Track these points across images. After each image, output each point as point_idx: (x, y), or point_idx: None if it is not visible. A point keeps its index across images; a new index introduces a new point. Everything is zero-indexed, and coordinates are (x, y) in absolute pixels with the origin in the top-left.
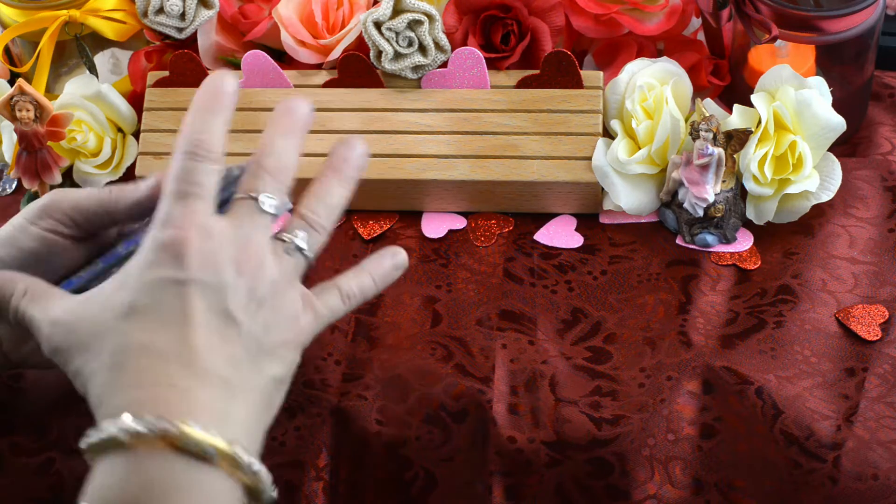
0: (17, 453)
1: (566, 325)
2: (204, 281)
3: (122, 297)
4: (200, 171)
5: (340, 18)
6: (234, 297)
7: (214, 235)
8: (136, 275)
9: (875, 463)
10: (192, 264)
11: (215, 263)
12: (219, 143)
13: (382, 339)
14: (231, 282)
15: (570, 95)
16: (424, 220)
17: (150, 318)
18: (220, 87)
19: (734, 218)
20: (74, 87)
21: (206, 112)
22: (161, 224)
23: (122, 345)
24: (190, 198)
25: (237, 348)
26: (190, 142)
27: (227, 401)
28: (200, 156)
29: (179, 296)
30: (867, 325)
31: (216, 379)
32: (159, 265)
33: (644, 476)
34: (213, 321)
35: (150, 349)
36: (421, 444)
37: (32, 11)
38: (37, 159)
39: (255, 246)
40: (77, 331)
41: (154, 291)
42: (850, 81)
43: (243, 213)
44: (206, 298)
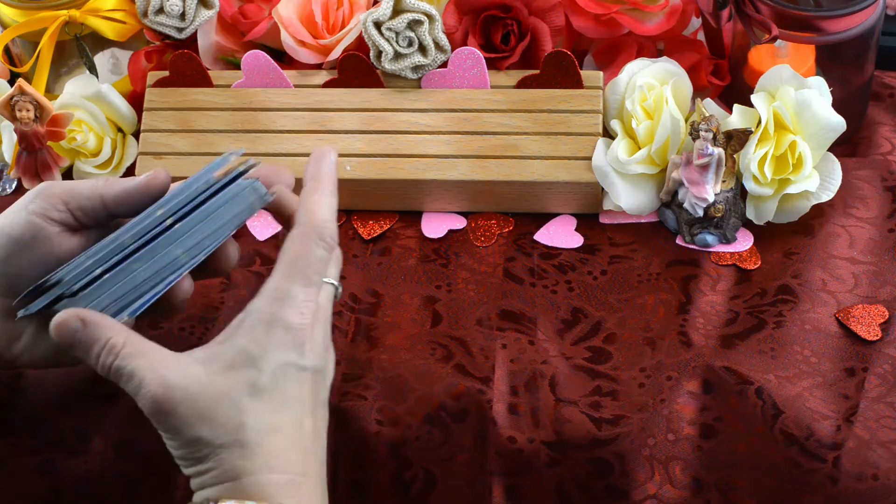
0: (17, 453)
1: (566, 325)
2: (315, 368)
3: (249, 375)
4: (326, 260)
5: (340, 18)
6: (325, 382)
7: (322, 320)
8: (264, 354)
9: (875, 463)
10: (308, 352)
11: (322, 350)
12: (337, 232)
13: (382, 339)
14: (325, 366)
15: (570, 95)
16: (424, 220)
17: (276, 400)
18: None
19: (734, 218)
20: (74, 87)
21: (333, 196)
22: (284, 304)
23: (258, 424)
24: (312, 285)
25: (324, 432)
26: (322, 228)
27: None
28: (328, 245)
29: (301, 382)
30: (867, 325)
31: (319, 466)
32: (287, 348)
33: (644, 476)
34: (316, 407)
35: (283, 432)
36: (421, 444)
37: (32, 11)
38: (37, 159)
39: (331, 324)
40: (197, 399)
41: (279, 374)
42: (850, 81)
43: (328, 297)
44: (315, 385)
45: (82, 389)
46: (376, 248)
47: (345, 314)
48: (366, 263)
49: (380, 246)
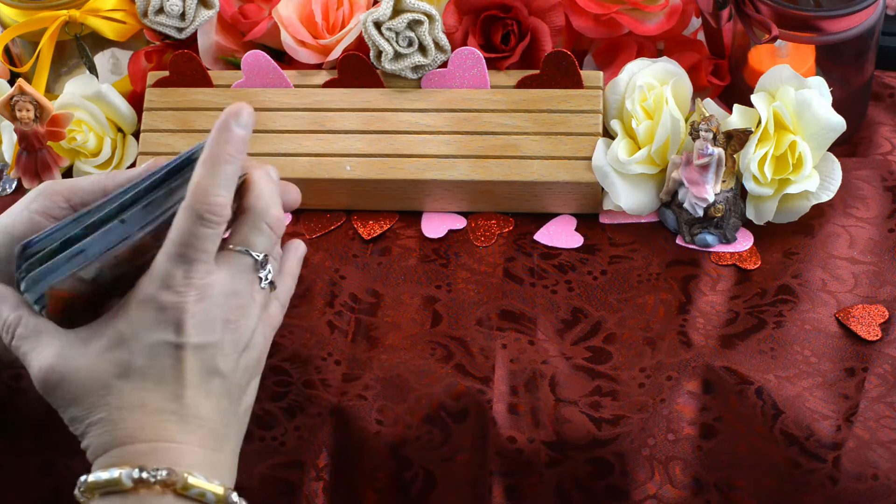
0: (17, 453)
1: (566, 325)
2: (198, 344)
3: (120, 356)
4: (207, 236)
5: (340, 18)
6: (223, 354)
7: (211, 296)
8: (136, 335)
9: (875, 463)
10: (188, 330)
11: (210, 324)
12: (228, 203)
13: (382, 339)
14: (220, 339)
15: (570, 95)
16: (424, 220)
17: (147, 378)
18: (232, 132)
19: (734, 218)
20: (74, 87)
21: (218, 163)
22: (161, 284)
23: (121, 402)
24: (193, 263)
25: (224, 400)
26: (201, 202)
27: (217, 448)
28: (209, 221)
29: (176, 359)
30: (867, 325)
31: (208, 432)
32: (158, 328)
33: (644, 476)
34: (204, 380)
35: (149, 406)
36: (421, 444)
37: (32, 11)
38: (37, 159)
39: (242, 300)
40: (72, 381)
41: (152, 353)
42: (850, 81)
43: (238, 268)
44: (198, 360)
45: None
46: (376, 248)
47: (345, 314)
48: (366, 263)
49: (380, 246)
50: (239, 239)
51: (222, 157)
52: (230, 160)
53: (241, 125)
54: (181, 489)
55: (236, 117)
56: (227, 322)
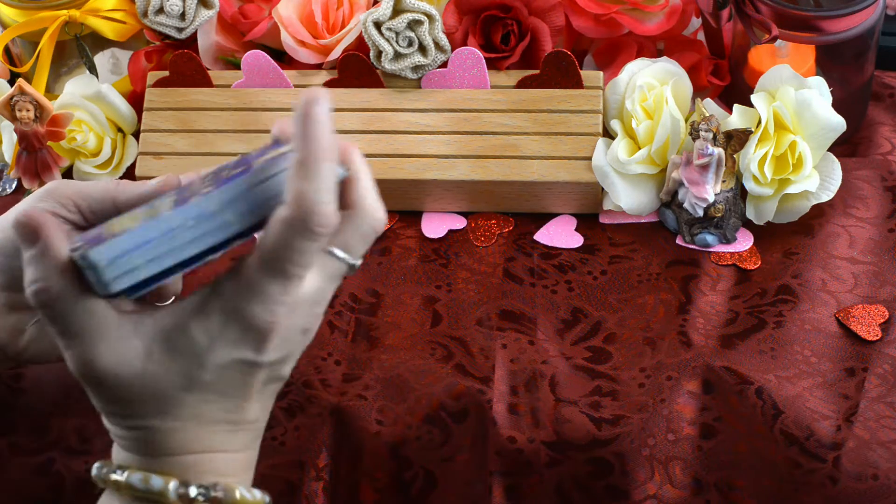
0: (17, 453)
1: (566, 325)
2: (273, 360)
3: (188, 369)
4: (311, 250)
5: (340, 18)
6: (290, 363)
7: (300, 310)
8: (212, 349)
9: (875, 463)
10: (269, 349)
11: (289, 340)
12: (335, 211)
13: (382, 339)
14: (293, 351)
15: (570, 95)
16: (424, 220)
17: (210, 391)
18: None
19: (734, 218)
20: (74, 87)
21: (315, 163)
22: (253, 298)
23: (176, 414)
24: (293, 279)
25: (271, 400)
26: (309, 213)
27: (252, 448)
28: (316, 234)
29: (247, 374)
30: (867, 325)
31: (252, 433)
32: (240, 347)
33: (644, 476)
34: (267, 388)
35: (202, 418)
36: (421, 444)
37: (32, 11)
38: (37, 159)
39: (324, 306)
40: (125, 386)
41: (225, 370)
42: (850, 81)
43: (333, 275)
44: (267, 372)
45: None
46: (376, 248)
47: (345, 314)
48: (366, 263)
49: (380, 246)
50: (341, 241)
51: (318, 154)
52: (327, 157)
53: (325, 111)
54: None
55: (317, 104)
56: (304, 332)
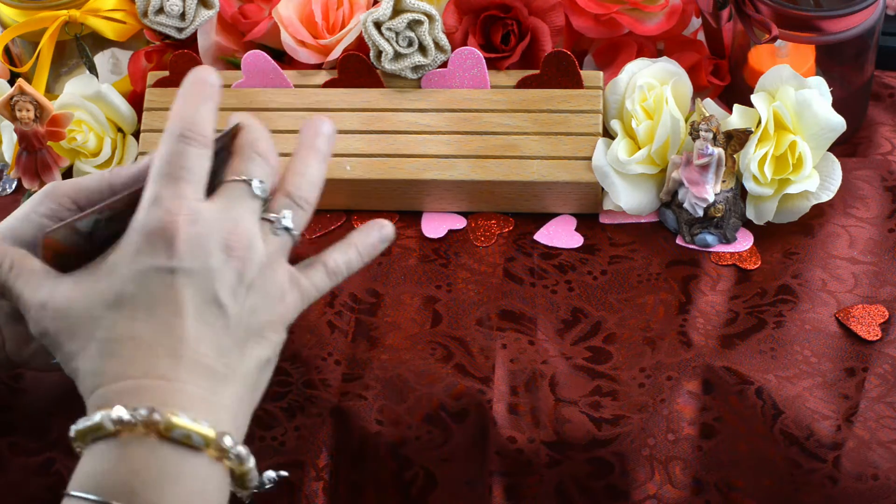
0: (17, 453)
1: (566, 325)
2: (193, 269)
3: (111, 286)
4: (191, 154)
5: (340, 18)
6: (223, 283)
7: (204, 220)
8: (125, 262)
9: (875, 463)
10: (181, 252)
11: (204, 249)
12: (209, 128)
13: (382, 339)
14: (220, 267)
15: (570, 95)
16: (424, 220)
17: (139, 308)
18: (206, 79)
19: (734, 218)
20: (74, 87)
21: (195, 97)
22: (149, 207)
23: (111, 334)
24: (180, 181)
25: (224, 336)
26: (180, 125)
27: (213, 390)
28: (191, 139)
29: (168, 285)
30: (867, 325)
31: (204, 369)
32: (148, 253)
33: (644, 476)
34: (202, 310)
35: (139, 339)
36: (421, 444)
37: (32, 11)
38: (37, 159)
39: (244, 229)
40: (66, 317)
41: (143, 280)
42: (850, 81)
43: (234, 196)
44: (194, 286)
45: None
46: None
47: (345, 314)
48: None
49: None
50: (230, 171)
51: (197, 93)
52: (207, 97)
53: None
54: (164, 430)
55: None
56: (227, 249)
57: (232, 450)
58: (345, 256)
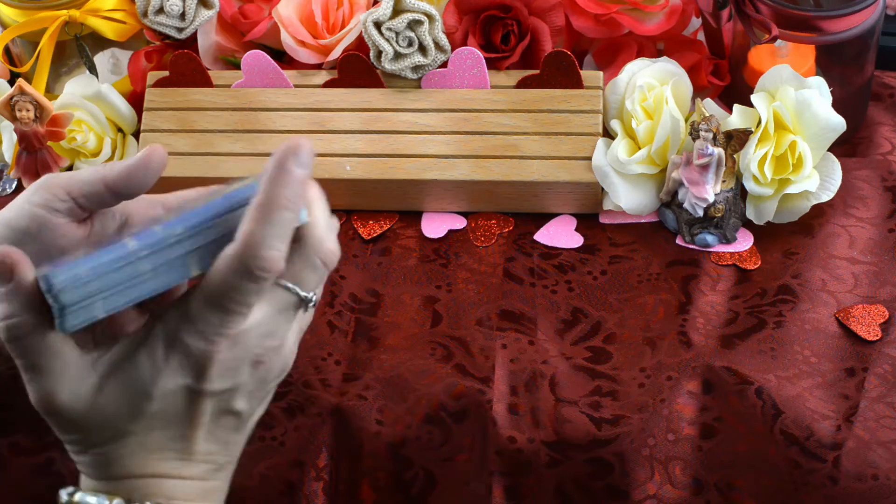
0: (17, 453)
1: (566, 325)
2: (218, 390)
3: (135, 401)
4: (254, 292)
5: (340, 18)
6: (242, 394)
7: (244, 342)
8: (155, 379)
9: (875, 463)
10: (212, 377)
11: (235, 370)
12: (282, 257)
13: (382, 339)
14: (244, 381)
15: (570, 95)
16: (424, 220)
17: (156, 419)
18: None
19: (734, 218)
20: (74, 87)
21: (273, 210)
22: (193, 329)
23: (125, 443)
24: (232, 315)
25: (231, 434)
26: (252, 255)
27: (212, 478)
28: (259, 278)
29: (190, 402)
30: (867, 325)
31: (209, 465)
32: (180, 375)
33: (644, 476)
34: (215, 419)
35: (150, 444)
36: (421, 444)
37: (32, 11)
38: (37, 159)
39: (278, 339)
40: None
41: (168, 397)
42: (850, 81)
43: (283, 307)
44: (214, 402)
45: None
46: (376, 248)
47: (345, 314)
48: (366, 263)
49: (380, 246)
50: (289, 274)
51: (279, 202)
52: (288, 206)
53: (302, 164)
54: None
55: (295, 155)
56: (256, 363)
57: None
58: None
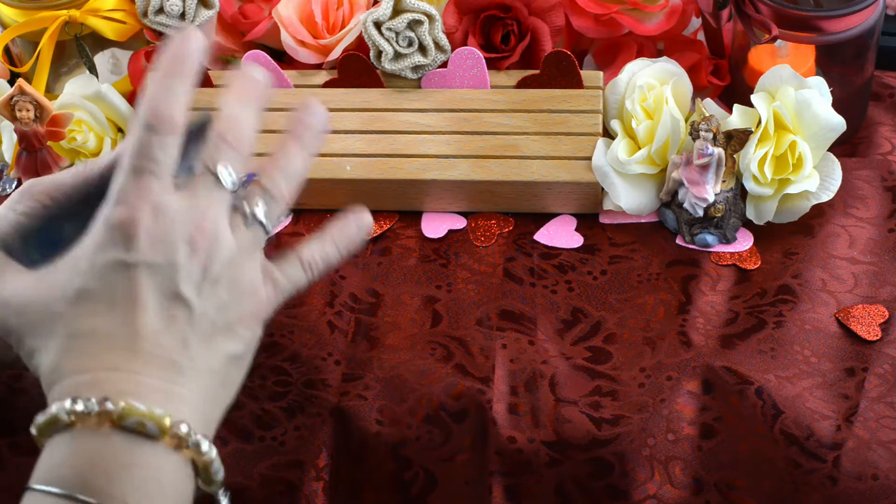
0: (17, 453)
1: (566, 325)
2: (154, 263)
3: (72, 281)
4: (157, 145)
5: (340, 18)
6: (186, 277)
7: (168, 213)
8: (86, 257)
9: (875, 463)
10: (141, 246)
11: (167, 243)
12: (180, 113)
13: (382, 339)
14: (183, 262)
15: (570, 95)
16: (424, 220)
17: (98, 302)
18: (185, 49)
19: (734, 218)
20: (74, 87)
21: (168, 77)
22: (113, 201)
23: (70, 330)
24: (145, 174)
25: (188, 331)
26: (149, 113)
27: (173, 381)
28: (158, 129)
29: (128, 279)
30: (867, 325)
31: (163, 361)
32: (109, 247)
33: (644, 476)
34: (163, 304)
35: (97, 333)
36: (421, 444)
37: (32, 11)
38: (37, 159)
39: (210, 222)
40: (27, 313)
41: (103, 275)
42: (850, 81)
43: (200, 187)
44: (155, 280)
45: None
46: (376, 248)
47: (345, 314)
48: (366, 263)
49: (380, 246)
50: (199, 160)
51: (170, 70)
52: (183, 73)
53: (195, 42)
54: (117, 419)
55: (187, 36)
56: (191, 243)
57: (190, 438)
58: (321, 250)
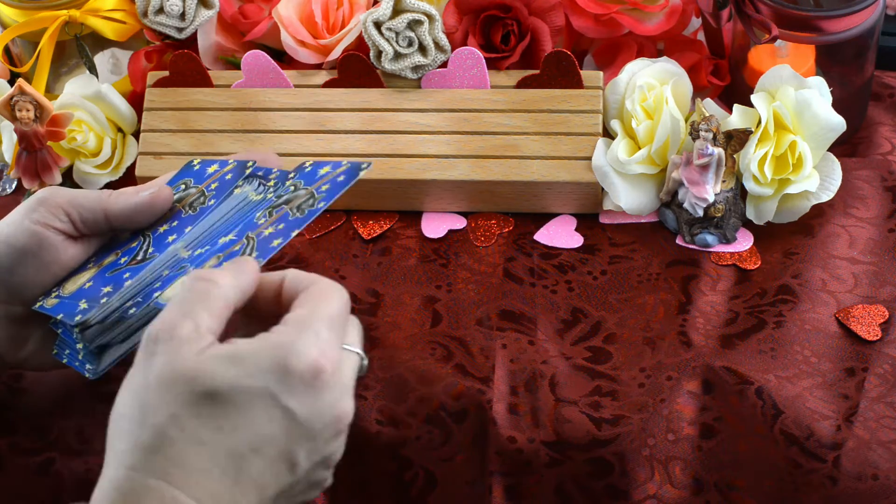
0: (17, 453)
1: (566, 325)
2: (302, 422)
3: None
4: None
5: (340, 18)
6: (313, 452)
7: (341, 390)
8: (249, 368)
9: (875, 463)
10: (297, 393)
11: (323, 416)
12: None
13: (382, 339)
14: (324, 442)
15: (570, 95)
16: (424, 220)
17: (228, 419)
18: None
19: (734, 218)
20: (74, 87)
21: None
22: (307, 336)
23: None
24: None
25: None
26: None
27: None
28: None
29: (271, 419)
30: (867, 325)
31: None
32: (279, 380)
33: (644, 476)
34: (277, 461)
35: (204, 450)
36: (421, 444)
37: (32, 11)
38: (37, 159)
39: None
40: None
41: (253, 398)
42: (850, 81)
43: (353, 372)
44: (289, 437)
45: (82, 389)
46: (376, 248)
47: None
48: (366, 263)
49: (380, 246)
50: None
51: None
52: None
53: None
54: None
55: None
56: (337, 429)
57: None
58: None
